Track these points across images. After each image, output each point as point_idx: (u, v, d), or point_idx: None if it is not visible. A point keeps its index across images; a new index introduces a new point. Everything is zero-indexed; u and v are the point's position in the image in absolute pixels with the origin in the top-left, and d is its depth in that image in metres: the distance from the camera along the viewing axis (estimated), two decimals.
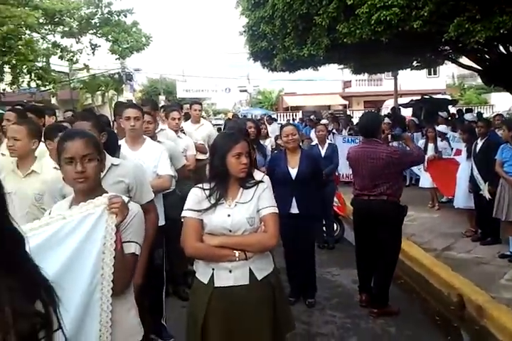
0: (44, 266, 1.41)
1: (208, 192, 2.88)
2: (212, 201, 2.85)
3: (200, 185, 2.96)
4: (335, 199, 7.45)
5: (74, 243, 1.98)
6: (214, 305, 2.81)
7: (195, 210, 2.85)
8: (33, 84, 18.30)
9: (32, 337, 1.28)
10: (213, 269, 2.85)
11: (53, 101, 26.19)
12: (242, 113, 30.94)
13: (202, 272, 2.90)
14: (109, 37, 18.45)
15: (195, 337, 2.84)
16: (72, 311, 1.87)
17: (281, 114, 35.51)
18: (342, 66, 19.67)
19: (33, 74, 17.08)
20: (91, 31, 18.84)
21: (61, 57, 19.00)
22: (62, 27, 18.63)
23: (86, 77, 27.25)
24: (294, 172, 5.00)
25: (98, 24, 18.65)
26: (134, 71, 31.08)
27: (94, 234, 2.03)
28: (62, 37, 18.81)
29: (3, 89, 20.29)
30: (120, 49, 18.69)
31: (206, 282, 2.86)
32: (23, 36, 15.14)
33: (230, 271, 2.82)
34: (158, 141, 4.55)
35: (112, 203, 2.05)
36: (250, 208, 2.86)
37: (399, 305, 4.97)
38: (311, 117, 18.56)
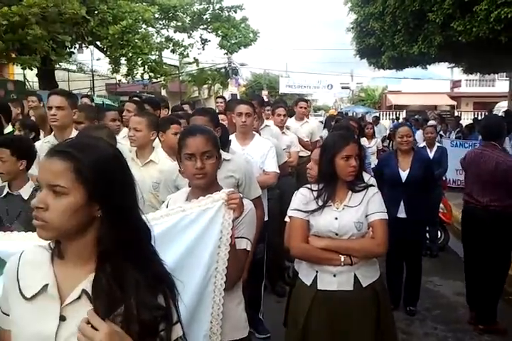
0: (163, 257, 1.46)
1: (315, 194, 2.86)
2: (320, 203, 2.83)
3: (308, 186, 2.94)
4: (441, 205, 7.13)
5: (192, 235, 2.04)
6: (316, 307, 2.80)
7: (302, 211, 2.84)
8: (145, 76, 19.20)
9: (153, 328, 1.33)
10: (317, 272, 2.83)
11: (163, 92, 27.38)
12: (344, 110, 30.49)
13: (305, 273, 2.90)
14: (219, 32, 18.86)
15: (295, 337, 2.85)
16: (186, 302, 1.93)
17: (385, 113, 34.59)
18: (452, 65, 18.80)
19: (146, 67, 17.88)
20: (202, 26, 19.38)
21: (173, 51, 19.74)
22: (175, 22, 19.33)
23: (194, 71, 28.15)
24: (404, 174, 4.83)
25: (209, 19, 19.14)
26: (239, 66, 31.62)
27: (211, 228, 2.07)
28: (174, 32, 19.50)
29: (119, 80, 21.56)
30: (229, 44, 19.07)
31: (309, 284, 2.85)
32: (139, 30, 15.86)
33: (334, 275, 2.78)
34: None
35: (231, 199, 2.08)
36: (359, 212, 2.80)
37: (507, 323, 4.66)
38: (417, 117, 17.91)
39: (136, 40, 15.40)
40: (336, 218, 2.79)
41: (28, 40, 12.60)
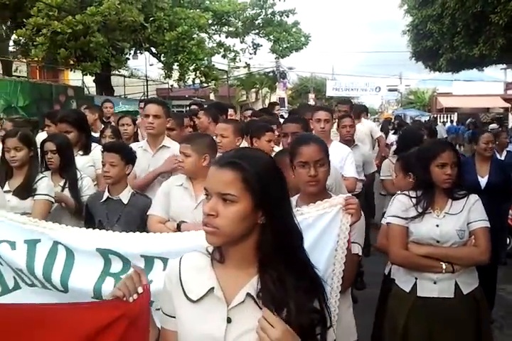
0: None
1: (414, 200, 2.86)
2: (420, 210, 2.82)
3: (406, 193, 2.94)
4: (510, 211, 6.95)
5: (310, 238, 2.08)
6: (416, 314, 2.79)
7: (401, 217, 2.84)
8: (196, 81, 19.56)
9: (311, 331, 1.38)
10: (416, 278, 2.82)
11: (212, 97, 27.78)
12: (395, 113, 30.09)
13: (403, 280, 2.89)
14: (271, 37, 19.06)
15: None
16: None
17: (435, 116, 33.92)
18: (505, 66, 18.33)
19: (198, 72, 18.21)
20: (254, 31, 19.62)
21: (224, 56, 20.05)
22: (227, 27, 19.64)
23: (243, 75, 28.43)
24: (483, 181, 4.74)
25: (261, 24, 19.36)
26: (287, 69, 31.70)
27: (328, 232, 2.11)
28: (226, 37, 19.81)
29: (171, 85, 21.98)
30: (280, 48, 19.23)
31: (408, 290, 2.84)
32: (194, 36, 16.18)
33: (435, 283, 2.77)
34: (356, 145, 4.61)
35: (349, 204, 2.11)
36: (460, 220, 2.78)
37: None
38: (474, 120, 17.50)
39: (191, 46, 15.71)
40: (437, 225, 2.78)
41: (90, 47, 13.06)
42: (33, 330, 1.44)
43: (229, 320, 1.39)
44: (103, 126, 5.41)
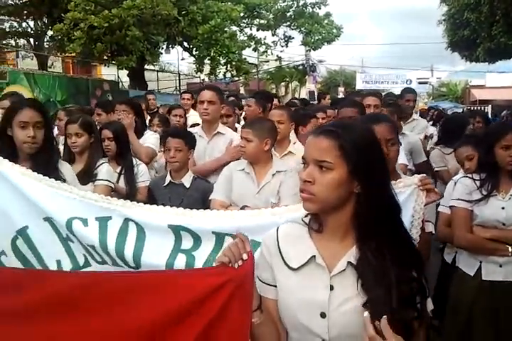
0: None
1: (478, 183, 2.83)
2: (484, 192, 2.79)
3: (469, 175, 2.92)
4: None
5: None
6: (481, 298, 2.77)
7: (466, 200, 2.82)
8: (227, 75, 19.61)
9: (412, 300, 1.39)
10: (481, 262, 2.80)
11: (242, 91, 27.81)
12: (429, 105, 29.66)
13: (467, 264, 2.87)
14: (303, 29, 18.96)
15: (458, 326, 2.84)
16: None
17: (469, 108, 33.28)
18: None
19: (229, 66, 18.25)
20: (285, 23, 19.55)
21: (255, 49, 20.03)
22: (258, 20, 19.61)
23: (272, 69, 28.38)
24: None
25: (293, 16, 19.28)
26: (317, 62, 31.55)
27: (403, 213, 2.11)
28: (257, 30, 19.76)
29: (203, 79, 22.10)
30: (312, 40, 19.14)
31: (472, 274, 2.82)
32: (226, 29, 16.21)
33: (500, 266, 2.75)
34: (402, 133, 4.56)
35: (425, 184, 2.11)
36: None
37: None
38: (508, 112, 17.08)
39: (224, 39, 15.75)
40: (503, 208, 2.75)
41: (126, 41, 13.20)
42: (139, 296, 1.49)
43: (331, 288, 1.42)
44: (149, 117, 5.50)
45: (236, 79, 21.57)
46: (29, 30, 19.91)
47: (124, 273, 1.81)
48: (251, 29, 19.86)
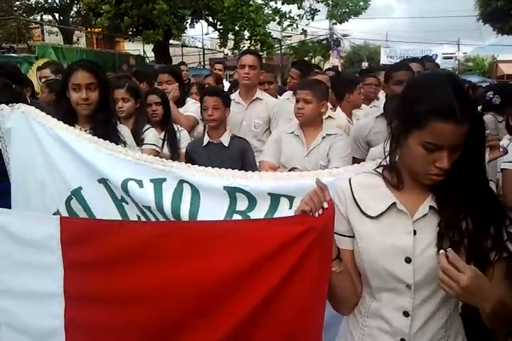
0: None
1: None
2: None
3: None
4: None
5: None
6: None
7: None
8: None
9: (486, 227, 1.41)
10: None
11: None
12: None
13: None
14: (329, 1, 18.63)
15: None
16: None
17: (496, 83, 32.55)
18: None
19: (253, 40, 18.08)
20: None
21: (279, 23, 19.77)
22: None
23: (296, 44, 28.02)
24: None
25: None
26: (341, 37, 31.05)
27: None
28: (283, 3, 19.45)
29: (226, 54, 21.97)
30: (339, 13, 18.82)
31: None
32: (252, 3, 16.02)
33: None
34: None
35: (488, 140, 2.10)
36: None
37: None
38: None
39: (250, 13, 15.58)
40: None
41: (153, 14, 13.15)
42: (220, 243, 1.52)
43: (414, 233, 1.44)
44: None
45: (260, 53, 21.40)
46: (54, 5, 19.95)
47: (201, 222, 1.84)
48: (276, 2, 19.56)
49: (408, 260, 1.43)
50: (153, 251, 1.58)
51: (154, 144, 3.44)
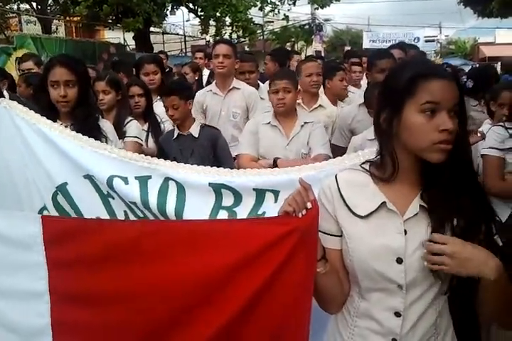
0: None
1: (511, 131, 2.85)
2: None
3: (501, 124, 2.93)
4: None
5: None
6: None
7: (498, 149, 2.84)
8: (233, 36, 19.27)
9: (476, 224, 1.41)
10: None
11: None
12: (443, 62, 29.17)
13: (498, 210, 2.91)
14: None
15: None
16: None
17: (478, 65, 32.75)
18: None
19: (234, 26, 17.94)
20: None
21: (260, 9, 19.60)
22: None
23: (278, 29, 27.86)
24: None
25: None
26: (323, 21, 30.89)
27: None
28: None
29: (208, 41, 21.77)
30: None
31: (504, 220, 2.87)
32: None
33: None
34: None
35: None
36: None
37: None
38: None
39: None
40: None
41: (132, 2, 12.97)
42: (204, 243, 1.51)
43: (405, 232, 1.41)
44: None
45: (242, 40, 21.20)
46: None
47: (187, 222, 1.82)
48: None
49: (400, 260, 1.40)
50: (139, 249, 1.57)
51: (137, 137, 3.41)
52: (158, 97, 3.81)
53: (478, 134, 2.15)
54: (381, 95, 1.49)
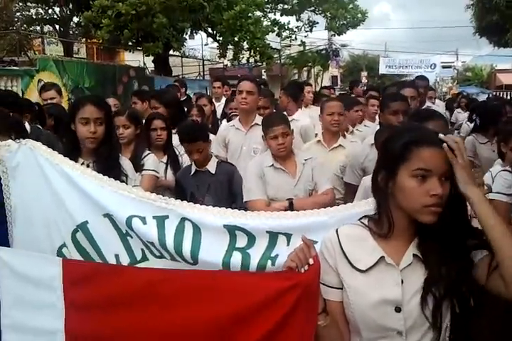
0: None
1: None
2: None
3: (508, 168, 2.99)
4: None
5: None
6: None
7: (505, 194, 2.89)
8: (250, 60, 19.57)
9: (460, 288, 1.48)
10: None
11: (263, 76, 27.70)
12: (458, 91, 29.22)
13: None
14: (328, 14, 18.78)
15: None
16: None
17: (495, 93, 32.72)
18: None
19: (252, 51, 18.21)
20: (310, 8, 19.37)
21: (278, 35, 19.92)
22: (282, 5, 19.48)
23: (295, 53, 28.20)
24: None
25: (317, 1, 19.09)
26: (340, 47, 31.20)
27: None
28: (281, 15, 19.62)
29: (225, 65, 22.12)
30: (337, 25, 18.97)
31: None
32: (251, 15, 16.13)
33: None
34: None
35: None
36: None
37: None
38: None
39: (249, 25, 15.68)
40: None
41: (153, 28, 13.26)
42: (210, 294, 1.59)
43: (401, 281, 1.50)
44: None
45: (259, 64, 21.50)
46: (55, 16, 20.09)
47: (196, 272, 1.90)
48: (275, 14, 19.74)
49: (398, 309, 1.49)
50: (152, 296, 1.66)
51: (154, 170, 3.52)
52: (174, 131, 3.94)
53: (485, 187, 2.21)
54: (379, 156, 1.61)
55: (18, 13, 21.03)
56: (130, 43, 16.27)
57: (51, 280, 1.80)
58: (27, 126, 3.81)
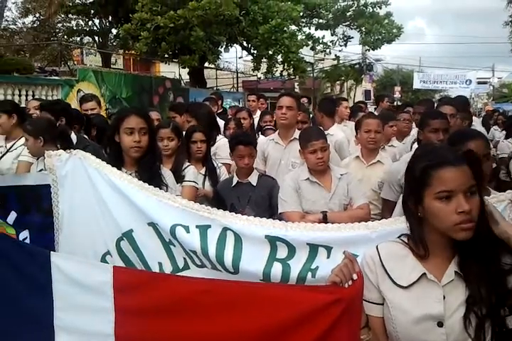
0: None
1: None
2: None
3: None
4: None
5: None
6: None
7: None
8: (284, 73, 19.71)
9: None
10: None
11: (297, 89, 27.85)
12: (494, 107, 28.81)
13: None
14: (362, 29, 18.83)
15: None
16: None
17: None
18: None
19: (286, 64, 18.34)
20: (345, 23, 19.46)
21: (312, 48, 20.04)
22: (317, 19, 19.61)
23: (328, 67, 28.27)
24: None
25: (352, 16, 19.17)
26: (374, 61, 31.13)
27: None
28: (316, 29, 19.76)
29: (259, 77, 22.33)
30: (372, 40, 18.99)
31: None
32: (286, 29, 16.28)
33: None
34: None
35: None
36: None
37: None
38: None
39: (284, 39, 15.83)
40: None
41: (190, 41, 13.52)
42: (254, 306, 1.62)
43: (443, 297, 1.53)
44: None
45: (292, 77, 21.63)
46: (94, 28, 20.67)
47: (239, 283, 1.94)
48: (309, 28, 19.87)
49: (440, 324, 1.52)
50: (195, 305, 1.69)
51: (194, 181, 3.60)
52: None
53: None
54: (405, 183, 1.65)
55: (59, 24, 21.72)
56: (167, 55, 16.61)
57: (102, 286, 1.86)
58: (73, 136, 3.96)
